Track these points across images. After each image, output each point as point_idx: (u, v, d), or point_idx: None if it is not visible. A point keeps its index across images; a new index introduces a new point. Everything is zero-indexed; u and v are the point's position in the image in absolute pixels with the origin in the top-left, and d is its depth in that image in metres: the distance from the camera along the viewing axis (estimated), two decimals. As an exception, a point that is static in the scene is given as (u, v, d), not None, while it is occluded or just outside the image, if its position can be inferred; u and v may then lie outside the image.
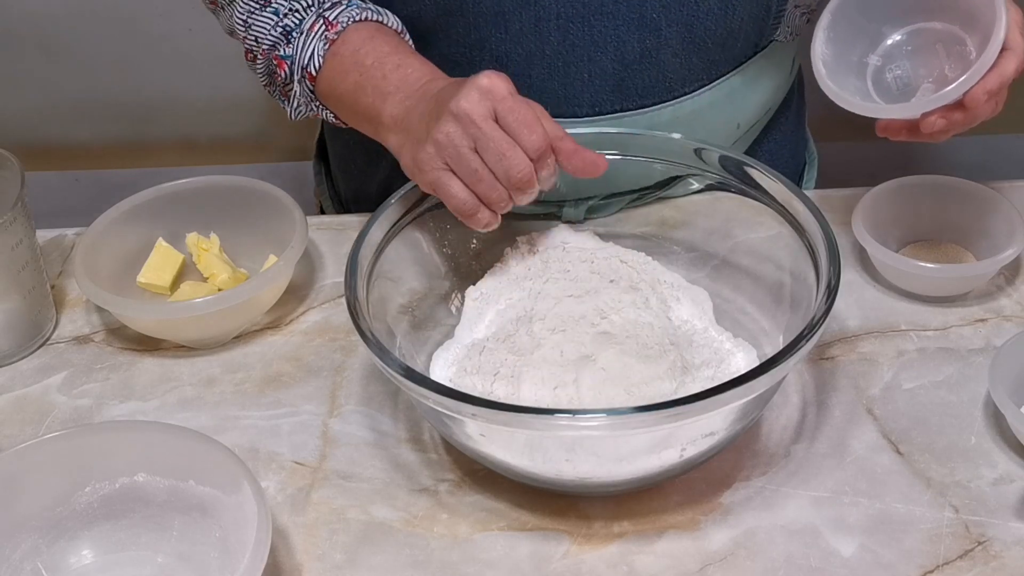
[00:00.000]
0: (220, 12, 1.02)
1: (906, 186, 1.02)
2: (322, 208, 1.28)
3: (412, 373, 0.77)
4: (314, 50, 0.96)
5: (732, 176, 0.92)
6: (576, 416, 0.75)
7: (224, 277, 1.00)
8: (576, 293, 0.89)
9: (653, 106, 1.02)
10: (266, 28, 0.98)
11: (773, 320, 0.90)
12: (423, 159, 0.85)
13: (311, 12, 0.97)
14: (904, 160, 1.94)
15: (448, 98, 0.84)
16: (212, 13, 1.04)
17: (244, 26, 0.98)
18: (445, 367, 0.89)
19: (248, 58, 1.01)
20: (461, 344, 0.91)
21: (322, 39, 0.96)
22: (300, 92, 0.99)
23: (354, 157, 1.17)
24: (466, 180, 0.84)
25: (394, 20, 0.98)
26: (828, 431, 0.87)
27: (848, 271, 0.99)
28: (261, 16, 0.98)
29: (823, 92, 0.92)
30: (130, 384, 0.95)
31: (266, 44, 0.98)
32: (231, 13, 0.99)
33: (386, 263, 0.89)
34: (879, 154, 1.68)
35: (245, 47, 1.00)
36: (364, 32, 0.96)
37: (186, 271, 1.03)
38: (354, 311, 0.82)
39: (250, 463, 0.85)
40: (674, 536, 0.81)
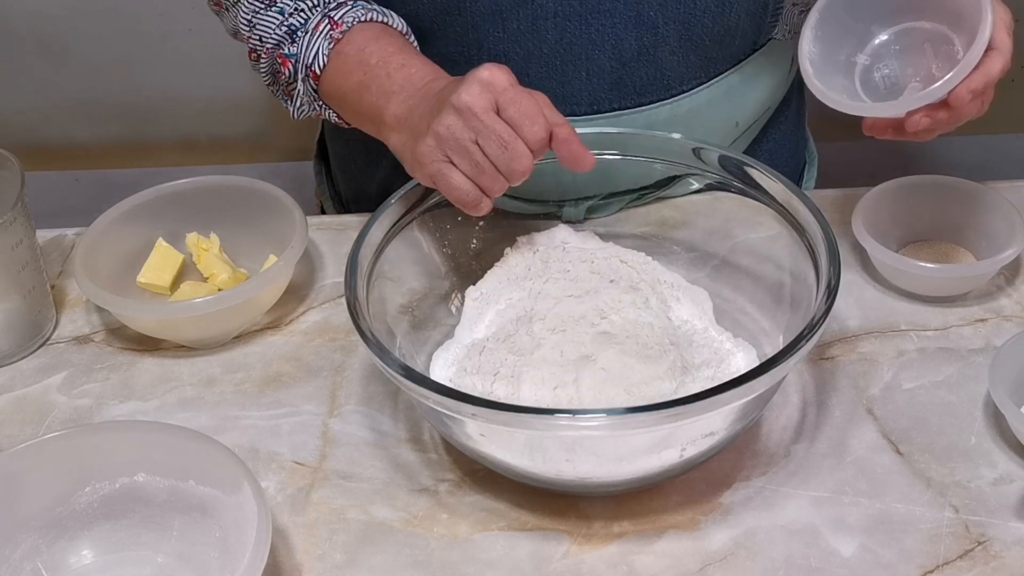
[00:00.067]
0: (224, 13, 1.02)
1: (906, 186, 1.02)
2: (323, 208, 1.28)
3: (412, 373, 0.77)
4: (319, 49, 0.96)
5: (732, 176, 0.92)
6: (576, 416, 0.75)
7: (224, 277, 1.00)
8: (576, 293, 0.89)
9: (651, 104, 1.02)
10: (271, 27, 0.98)
11: (773, 320, 0.90)
12: (423, 152, 0.85)
13: (316, 12, 0.97)
14: (904, 160, 1.94)
15: (449, 93, 0.84)
16: (216, 15, 1.04)
17: (248, 26, 0.99)
18: (445, 367, 0.89)
19: (252, 58, 1.01)
20: (461, 344, 0.91)
21: (327, 38, 0.96)
22: (304, 91, 0.99)
23: (354, 157, 1.17)
24: (468, 172, 0.84)
25: (399, 21, 0.98)
26: (828, 431, 0.87)
27: (848, 271, 0.99)
28: (266, 16, 0.98)
29: None
30: (130, 384, 0.95)
31: (270, 43, 0.98)
32: (236, 13, 0.99)
33: (386, 263, 0.89)
34: (879, 154, 1.68)
35: (249, 47, 1.00)
36: (369, 32, 0.96)
37: (186, 271, 1.03)
38: (354, 311, 0.82)
39: (250, 463, 0.85)
40: (674, 536, 0.81)
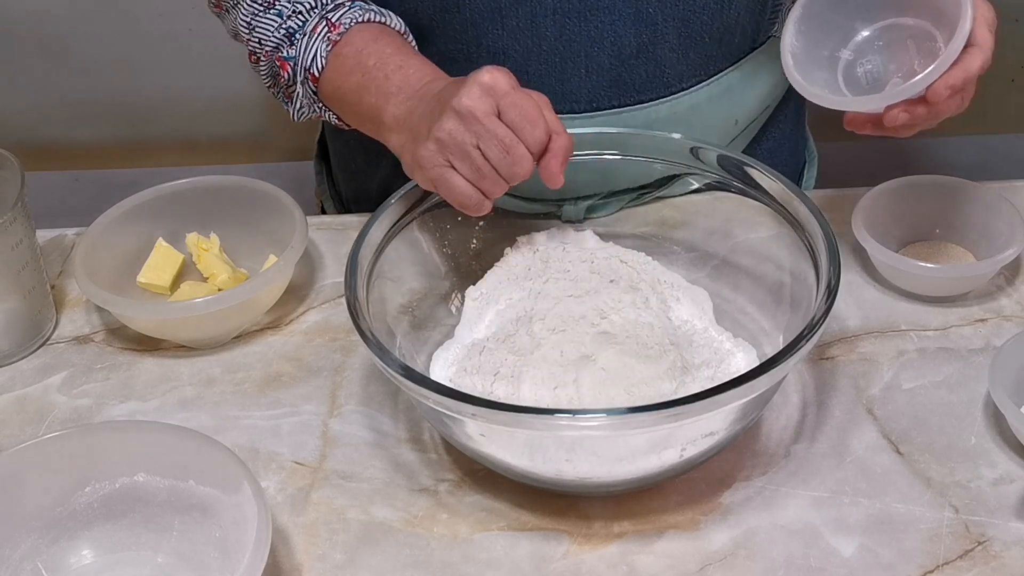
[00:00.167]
0: (225, 15, 1.02)
1: (906, 186, 1.02)
2: (323, 208, 1.28)
3: (412, 373, 0.77)
4: (317, 51, 0.96)
5: (732, 176, 0.92)
6: (576, 416, 0.75)
7: (224, 277, 1.00)
8: (576, 293, 0.89)
9: (651, 102, 1.02)
10: (270, 30, 0.98)
11: (773, 320, 0.90)
12: (424, 156, 0.85)
13: (314, 14, 0.97)
14: (904, 160, 1.94)
15: (450, 96, 0.84)
16: (217, 16, 1.04)
17: (248, 28, 0.99)
18: (445, 367, 0.89)
19: (252, 60, 1.01)
20: (461, 344, 0.91)
21: (325, 40, 0.96)
22: (303, 93, 0.99)
23: (354, 156, 1.17)
24: (469, 176, 0.84)
25: (397, 21, 0.98)
26: (828, 431, 0.87)
27: (848, 271, 0.99)
28: (265, 18, 0.98)
29: None
30: (130, 384, 0.95)
31: (269, 46, 0.98)
32: (236, 16, 0.99)
33: (386, 263, 0.89)
34: (879, 154, 1.68)
35: (249, 49, 1.00)
36: (367, 33, 0.96)
37: (186, 271, 1.03)
38: (354, 311, 0.82)
39: (250, 463, 0.85)
40: (674, 536, 0.81)
